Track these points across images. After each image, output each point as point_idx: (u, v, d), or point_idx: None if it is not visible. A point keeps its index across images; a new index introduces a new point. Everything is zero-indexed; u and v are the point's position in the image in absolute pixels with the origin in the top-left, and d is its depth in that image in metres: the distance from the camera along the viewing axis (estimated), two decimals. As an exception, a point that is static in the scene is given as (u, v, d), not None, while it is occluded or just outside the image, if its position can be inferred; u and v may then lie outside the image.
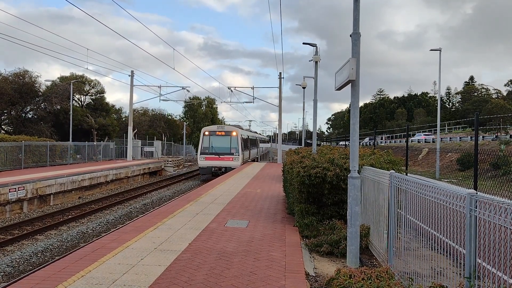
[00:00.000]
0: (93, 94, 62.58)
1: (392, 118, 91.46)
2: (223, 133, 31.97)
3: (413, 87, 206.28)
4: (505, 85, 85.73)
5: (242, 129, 42.19)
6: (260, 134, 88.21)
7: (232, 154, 31.23)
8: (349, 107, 7.27)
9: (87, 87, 61.27)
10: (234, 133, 31.94)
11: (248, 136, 40.22)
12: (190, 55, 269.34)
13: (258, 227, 9.64)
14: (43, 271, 6.36)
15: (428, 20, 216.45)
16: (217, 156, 30.89)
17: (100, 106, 60.82)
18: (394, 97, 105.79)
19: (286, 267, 6.61)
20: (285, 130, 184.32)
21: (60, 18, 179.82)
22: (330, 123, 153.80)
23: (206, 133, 31.92)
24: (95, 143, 38.86)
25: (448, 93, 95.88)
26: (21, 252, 11.77)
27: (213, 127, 33.35)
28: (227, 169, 29.92)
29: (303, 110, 35.40)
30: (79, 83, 54.56)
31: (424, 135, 58.49)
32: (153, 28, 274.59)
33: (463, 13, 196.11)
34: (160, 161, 38.95)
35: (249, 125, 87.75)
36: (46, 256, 11.74)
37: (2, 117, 49.60)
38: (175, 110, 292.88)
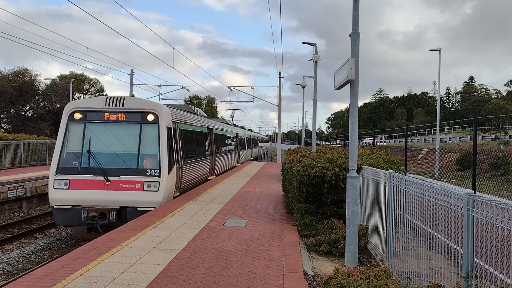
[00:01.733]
0: (92, 93, 62.75)
1: (392, 118, 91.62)
2: (123, 117, 12.49)
3: (413, 87, 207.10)
4: (504, 85, 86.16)
5: (192, 112, 19.84)
6: (252, 130, 65.58)
7: (144, 173, 12.08)
8: (349, 106, 7.28)
9: (86, 86, 61.45)
10: (150, 117, 12.47)
11: (212, 129, 21.45)
12: (189, 54, 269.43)
13: (257, 226, 9.65)
14: (42, 269, 6.36)
15: (427, 20, 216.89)
16: (102, 177, 11.86)
17: (99, 105, 60.81)
18: (394, 97, 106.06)
19: (284, 267, 6.62)
20: (285, 129, 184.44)
21: (59, 16, 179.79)
22: (330, 122, 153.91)
23: (77, 116, 12.50)
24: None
25: (447, 93, 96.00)
26: (20, 251, 11.79)
27: (97, 101, 13.20)
28: (128, 214, 11.51)
29: (303, 109, 35.63)
30: (78, 81, 54.61)
31: (369, 139, 62.47)
32: (152, 27, 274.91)
33: (462, 13, 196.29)
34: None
35: (232, 115, 52.25)
36: (45, 255, 11.76)
37: (2, 116, 49.65)
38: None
